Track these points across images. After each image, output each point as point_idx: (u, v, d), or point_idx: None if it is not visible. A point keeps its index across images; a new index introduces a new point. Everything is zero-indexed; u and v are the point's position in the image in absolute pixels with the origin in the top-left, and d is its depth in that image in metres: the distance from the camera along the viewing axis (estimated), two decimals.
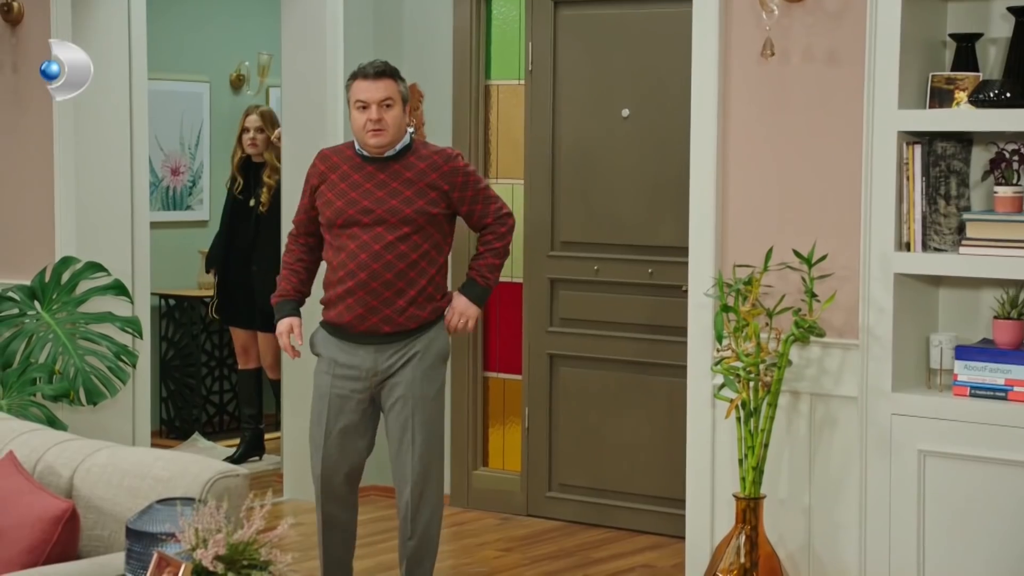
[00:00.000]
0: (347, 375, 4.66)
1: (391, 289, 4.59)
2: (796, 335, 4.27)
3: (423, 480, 4.67)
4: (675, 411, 5.64)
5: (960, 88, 4.12)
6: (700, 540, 4.60)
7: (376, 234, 4.59)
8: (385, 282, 4.58)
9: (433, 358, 4.67)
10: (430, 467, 4.69)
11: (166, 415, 7.89)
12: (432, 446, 4.69)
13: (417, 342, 4.64)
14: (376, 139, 4.62)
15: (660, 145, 5.94)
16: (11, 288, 5.74)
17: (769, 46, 4.35)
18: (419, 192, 4.61)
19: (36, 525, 3.41)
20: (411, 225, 4.59)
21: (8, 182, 5.98)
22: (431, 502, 4.71)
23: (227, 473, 3.50)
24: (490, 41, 6.43)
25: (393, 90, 4.64)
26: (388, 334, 4.63)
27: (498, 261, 4.77)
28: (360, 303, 4.61)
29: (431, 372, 4.66)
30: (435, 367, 4.68)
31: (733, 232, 4.55)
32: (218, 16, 8.16)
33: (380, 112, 4.59)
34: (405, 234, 4.59)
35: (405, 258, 4.59)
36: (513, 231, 4.81)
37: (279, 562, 2.91)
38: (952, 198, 4.15)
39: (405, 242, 4.59)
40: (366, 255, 4.59)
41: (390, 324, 4.61)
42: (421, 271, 4.61)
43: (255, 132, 7.06)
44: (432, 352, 4.66)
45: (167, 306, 7.85)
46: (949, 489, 4.10)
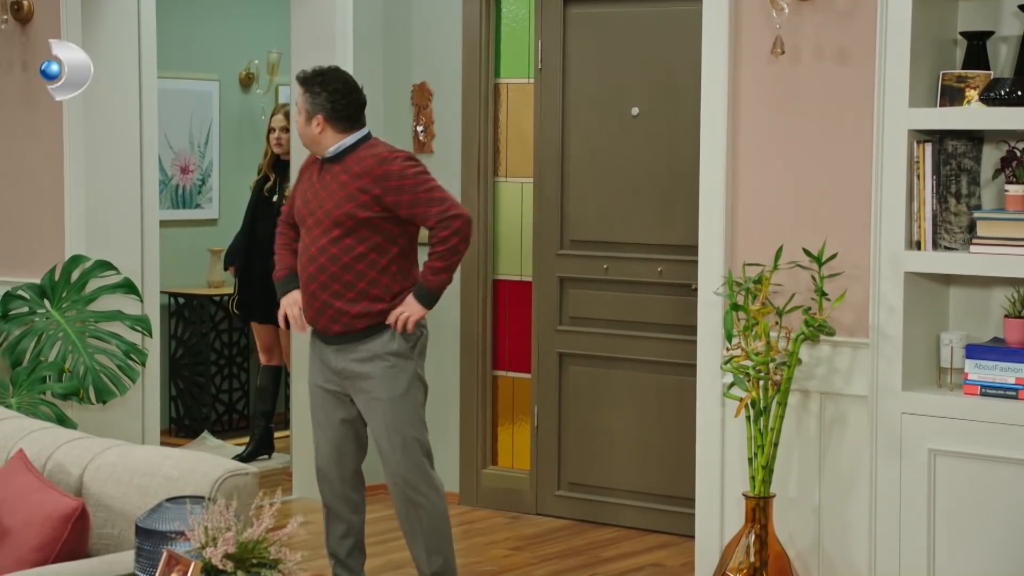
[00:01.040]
0: (323, 371, 4.78)
1: (327, 291, 4.63)
2: (806, 334, 4.27)
3: (404, 483, 4.72)
4: (684, 410, 5.63)
5: (971, 86, 4.11)
6: (709, 539, 4.60)
7: (314, 236, 4.66)
8: (321, 284, 4.64)
9: (390, 358, 4.67)
10: (410, 468, 4.71)
11: (175, 413, 7.90)
12: (409, 447, 4.71)
13: (374, 344, 4.67)
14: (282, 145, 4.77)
15: (670, 143, 5.93)
16: (21, 286, 5.75)
17: (779, 44, 4.34)
18: (349, 195, 4.61)
19: (46, 523, 3.42)
20: (341, 228, 4.60)
21: (18, 181, 5.99)
22: (424, 499, 4.73)
23: (237, 472, 3.50)
24: (499, 39, 6.43)
25: (299, 98, 4.70)
26: (340, 334, 4.68)
27: (440, 264, 4.65)
28: (307, 303, 4.71)
29: (392, 371, 4.67)
30: (396, 366, 4.68)
31: (743, 231, 4.54)
32: (227, 14, 8.16)
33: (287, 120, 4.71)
34: (336, 237, 4.61)
35: (337, 261, 4.61)
36: (461, 233, 4.63)
37: (288, 560, 2.91)
38: (963, 197, 4.14)
39: (336, 245, 4.61)
40: (306, 257, 4.68)
41: (337, 324, 4.66)
42: (358, 274, 4.62)
43: (280, 131, 7.06)
44: (387, 352, 4.67)
45: (176, 304, 7.86)
46: (959, 488, 4.09)
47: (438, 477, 4.82)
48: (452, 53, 6.44)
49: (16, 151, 5.98)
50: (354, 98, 4.71)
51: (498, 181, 6.45)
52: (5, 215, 6.04)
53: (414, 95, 6.55)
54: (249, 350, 7.98)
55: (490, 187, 6.43)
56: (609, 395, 6.14)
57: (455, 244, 4.63)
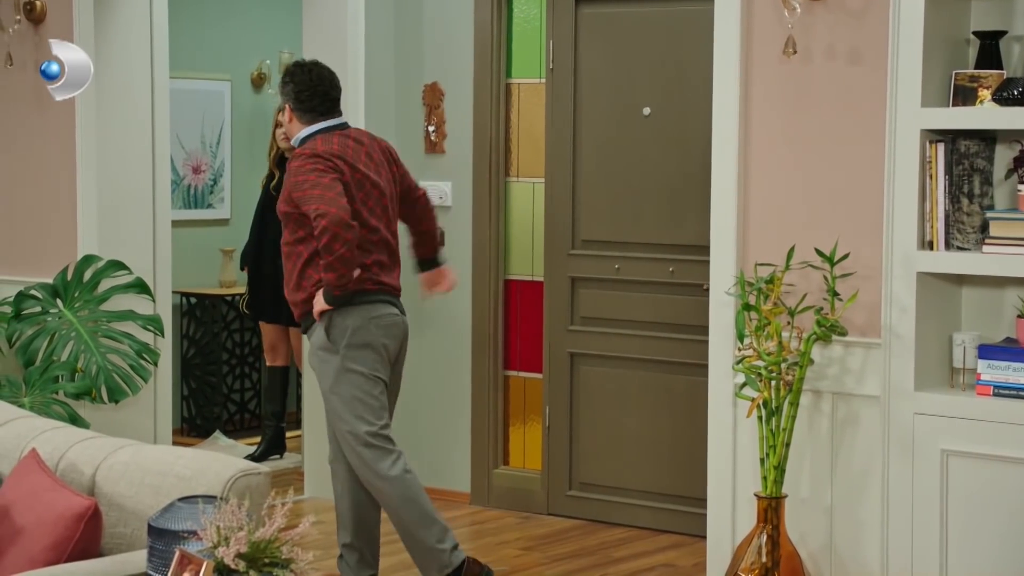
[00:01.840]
0: None
1: (282, 278, 4.94)
2: (818, 334, 4.26)
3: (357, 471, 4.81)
4: (696, 410, 5.63)
5: (984, 86, 4.10)
6: (721, 539, 4.59)
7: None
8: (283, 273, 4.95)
9: (318, 352, 4.85)
10: (352, 461, 4.81)
11: (187, 413, 7.91)
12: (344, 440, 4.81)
13: (311, 337, 4.89)
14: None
15: (681, 143, 5.93)
16: (34, 286, 5.76)
17: (791, 44, 4.34)
18: (283, 191, 4.87)
19: (59, 522, 3.42)
20: (282, 220, 4.87)
21: (31, 181, 6.01)
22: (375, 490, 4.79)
23: (249, 471, 3.50)
24: (511, 39, 6.43)
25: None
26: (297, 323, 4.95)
27: (323, 262, 4.67)
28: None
29: (321, 366, 4.85)
30: (323, 360, 4.83)
31: (755, 231, 4.54)
32: (239, 14, 8.17)
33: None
34: (280, 228, 4.90)
35: (282, 252, 4.90)
36: (328, 231, 4.56)
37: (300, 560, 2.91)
38: (975, 196, 4.14)
39: (282, 236, 4.89)
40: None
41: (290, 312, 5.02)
42: (292, 263, 4.85)
43: None
44: (316, 346, 4.86)
45: (188, 304, 7.87)
46: (972, 489, 4.08)
47: (393, 462, 4.79)
48: (464, 53, 6.44)
49: (29, 151, 5.99)
50: (319, 90, 4.85)
51: (509, 181, 6.45)
52: (18, 215, 6.06)
53: (425, 95, 6.55)
54: (261, 350, 7.98)
55: (501, 187, 6.43)
56: (621, 395, 6.14)
57: (326, 243, 4.62)
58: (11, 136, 6.03)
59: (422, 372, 6.43)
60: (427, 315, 6.35)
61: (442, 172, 6.50)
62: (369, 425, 4.77)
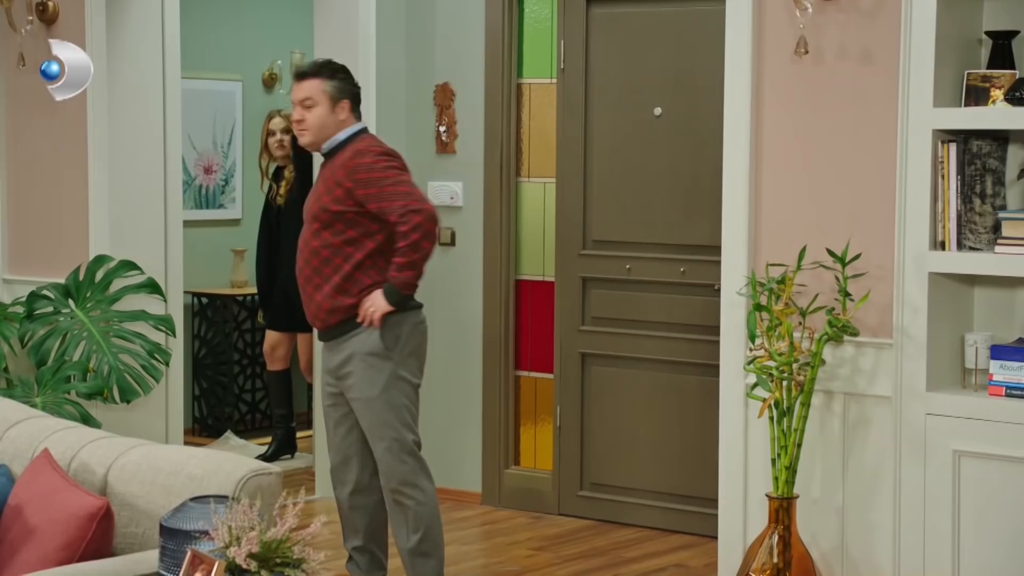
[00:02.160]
0: (324, 372, 4.88)
1: (311, 284, 4.71)
2: (829, 334, 4.25)
3: (389, 480, 4.73)
4: (707, 410, 5.62)
5: (996, 86, 4.09)
6: (733, 540, 4.59)
7: (302, 231, 4.76)
8: (305, 277, 4.73)
9: (367, 357, 4.68)
10: (392, 468, 4.72)
11: (199, 413, 7.92)
12: (390, 449, 4.71)
13: (351, 343, 4.69)
14: (301, 139, 4.78)
15: (693, 144, 5.92)
16: (46, 286, 5.77)
17: (803, 44, 4.33)
18: (328, 189, 4.68)
19: (71, 522, 3.43)
20: (319, 221, 4.68)
21: (43, 181, 6.02)
22: (407, 498, 4.73)
23: (260, 471, 3.50)
24: (522, 39, 6.43)
25: (315, 89, 4.70)
26: (322, 331, 4.77)
27: (403, 260, 4.61)
28: (298, 297, 4.84)
29: (369, 372, 4.67)
30: (373, 366, 4.68)
31: (766, 231, 4.53)
32: (251, 14, 8.18)
33: (301, 112, 4.71)
34: (316, 230, 4.69)
35: (317, 254, 4.69)
36: (423, 228, 4.56)
37: (312, 560, 2.92)
38: (987, 197, 4.13)
39: (317, 238, 4.68)
40: (296, 251, 4.80)
41: (316, 320, 4.75)
42: (335, 267, 4.66)
43: (281, 134, 7.08)
44: (365, 351, 4.68)
45: (200, 304, 7.88)
46: (984, 490, 4.07)
47: (428, 477, 4.78)
48: (475, 53, 6.44)
49: (41, 151, 6.01)
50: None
51: (520, 181, 6.45)
52: (30, 215, 6.07)
53: (437, 95, 6.55)
54: None
55: (512, 187, 6.43)
56: (632, 395, 6.13)
57: (416, 240, 4.58)
58: (23, 136, 6.05)
59: (433, 372, 6.41)
60: (438, 315, 6.35)
61: (453, 172, 6.50)
62: (414, 435, 4.76)
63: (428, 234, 4.59)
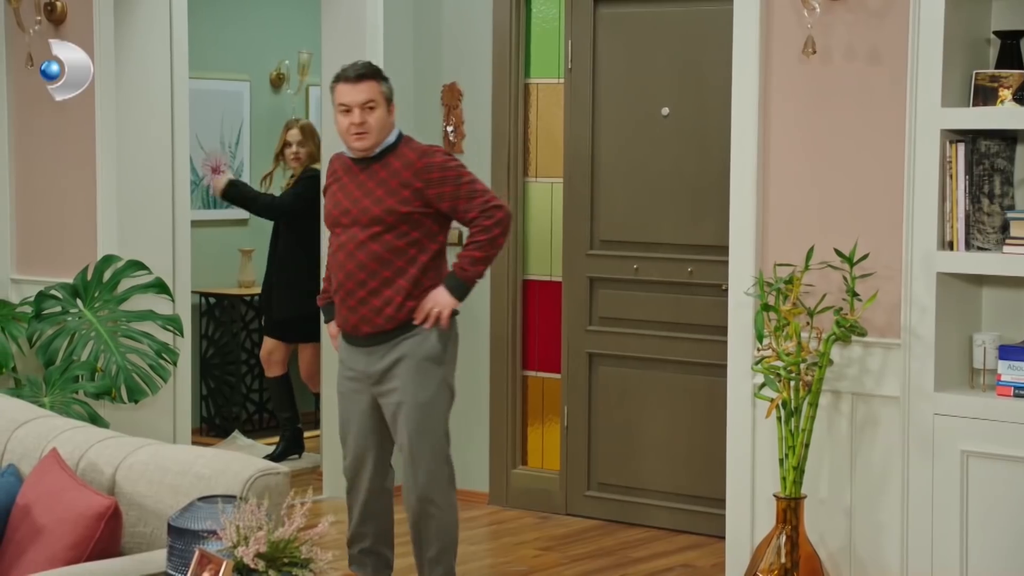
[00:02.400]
0: (351, 376, 4.76)
1: (365, 288, 4.61)
2: (837, 334, 4.25)
3: (425, 488, 4.69)
4: (715, 411, 5.62)
5: (1004, 86, 4.09)
6: (740, 540, 4.58)
7: (351, 234, 4.63)
8: (359, 281, 4.61)
9: (421, 361, 4.64)
10: (431, 475, 4.69)
11: (206, 413, 7.93)
12: (434, 453, 4.68)
13: (403, 345, 4.64)
14: (359, 142, 4.63)
15: (700, 144, 5.92)
16: (54, 286, 5.78)
17: (810, 44, 4.33)
18: (390, 191, 4.60)
19: (79, 522, 3.44)
20: (381, 224, 4.58)
21: (51, 181, 6.03)
22: (438, 508, 4.71)
23: (268, 471, 3.50)
24: (529, 39, 6.43)
25: (375, 91, 4.63)
26: (370, 335, 4.64)
27: (480, 254, 4.64)
28: (342, 303, 4.68)
29: (420, 377, 4.63)
30: (425, 371, 4.64)
31: (774, 231, 4.53)
32: (258, 14, 8.19)
33: (363, 115, 4.60)
34: (376, 233, 4.59)
35: (378, 258, 4.59)
36: (503, 224, 4.63)
37: (320, 560, 2.92)
38: (996, 197, 4.12)
39: (377, 241, 4.59)
40: (343, 254, 4.65)
41: (368, 324, 4.63)
42: (398, 270, 4.60)
43: (297, 146, 7.07)
44: (419, 355, 4.64)
45: (207, 304, 7.89)
46: (992, 490, 4.07)
47: (455, 488, 4.79)
48: (482, 53, 6.44)
49: (49, 151, 6.02)
50: None
51: (528, 181, 6.45)
52: (38, 215, 6.08)
53: (444, 95, 6.55)
54: None
55: (520, 187, 6.43)
56: (639, 395, 6.13)
57: (497, 235, 4.62)
58: (32, 136, 6.06)
59: None
60: None
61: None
62: (450, 445, 4.77)
63: (506, 231, 4.65)
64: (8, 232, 6.13)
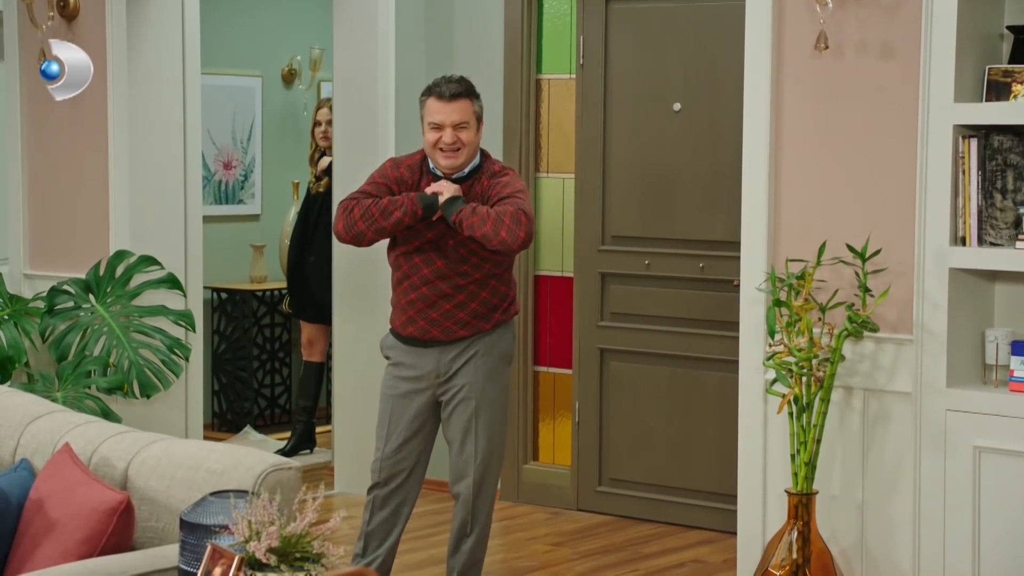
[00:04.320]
0: (410, 376, 4.69)
1: (451, 302, 4.60)
2: (849, 330, 4.24)
3: (483, 480, 4.68)
4: (726, 406, 5.62)
5: (1018, 81, 4.08)
6: (752, 536, 4.58)
7: (442, 249, 4.58)
8: (445, 296, 4.60)
9: (495, 359, 4.66)
10: (490, 469, 4.69)
11: (218, 408, 7.94)
12: (494, 447, 4.69)
13: (479, 343, 4.64)
14: (449, 161, 4.55)
15: (712, 139, 5.91)
16: (66, 281, 5.79)
17: (823, 39, 4.32)
18: None
19: (92, 516, 3.44)
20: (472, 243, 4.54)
21: (63, 177, 6.04)
22: (488, 503, 4.72)
23: (280, 466, 3.51)
24: (541, 35, 6.43)
25: (468, 112, 4.55)
26: (448, 342, 4.65)
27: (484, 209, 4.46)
28: (422, 316, 4.63)
29: (493, 373, 4.66)
30: (497, 368, 4.67)
31: (786, 226, 4.52)
32: (270, 10, 8.19)
33: (454, 135, 4.53)
34: (463, 254, 4.58)
35: (466, 275, 4.59)
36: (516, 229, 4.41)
37: (331, 555, 2.92)
38: (1009, 192, 4.11)
39: (466, 262, 4.58)
40: (428, 270, 4.60)
41: (449, 335, 4.63)
42: (481, 284, 4.61)
43: (327, 125, 7.08)
44: (494, 353, 4.66)
45: (219, 299, 7.90)
46: (1005, 486, 4.06)
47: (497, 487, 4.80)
48: (494, 49, 6.44)
49: (61, 147, 6.03)
50: None
51: (539, 177, 6.45)
52: (51, 211, 6.09)
53: None
54: (291, 345, 8.02)
55: (531, 183, 6.42)
56: (650, 391, 6.13)
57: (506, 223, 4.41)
58: (44, 132, 6.07)
59: None
60: None
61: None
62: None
63: (513, 237, 4.41)
64: (21, 227, 6.15)
